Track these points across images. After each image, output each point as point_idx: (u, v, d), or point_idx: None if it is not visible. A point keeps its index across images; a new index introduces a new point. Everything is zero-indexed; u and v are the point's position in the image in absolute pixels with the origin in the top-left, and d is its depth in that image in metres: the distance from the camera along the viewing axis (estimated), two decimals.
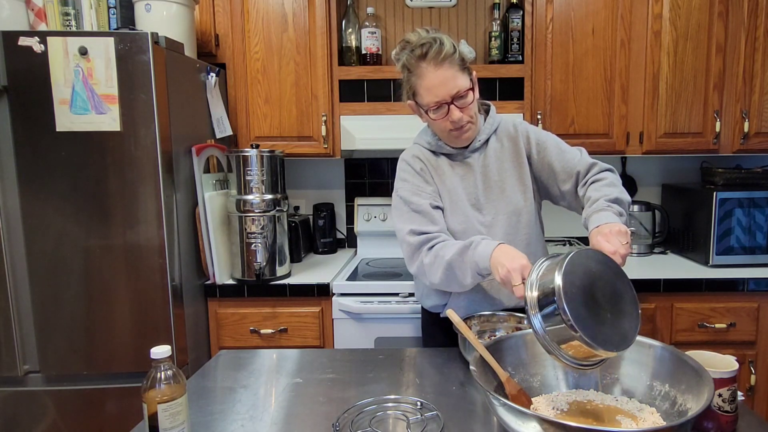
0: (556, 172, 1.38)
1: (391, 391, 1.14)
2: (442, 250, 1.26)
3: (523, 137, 1.41)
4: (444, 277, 1.26)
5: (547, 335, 0.90)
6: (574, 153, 1.39)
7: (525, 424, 0.79)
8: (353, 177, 2.56)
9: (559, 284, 0.87)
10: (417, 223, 1.33)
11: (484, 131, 1.40)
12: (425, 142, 1.43)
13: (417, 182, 1.38)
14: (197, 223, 1.90)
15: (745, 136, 2.11)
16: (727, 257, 2.07)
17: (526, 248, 1.39)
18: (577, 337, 0.84)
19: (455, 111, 1.28)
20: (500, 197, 1.38)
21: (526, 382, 1.04)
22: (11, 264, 1.67)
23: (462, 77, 1.28)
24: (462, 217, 1.37)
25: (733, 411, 0.93)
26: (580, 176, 1.35)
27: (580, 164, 1.36)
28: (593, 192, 1.27)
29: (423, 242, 1.30)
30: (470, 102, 1.30)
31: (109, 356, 1.72)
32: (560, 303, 0.86)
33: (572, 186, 1.37)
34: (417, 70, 1.28)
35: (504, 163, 1.40)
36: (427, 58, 1.26)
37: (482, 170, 1.40)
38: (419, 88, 1.30)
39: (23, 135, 1.63)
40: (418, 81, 1.29)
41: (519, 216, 1.38)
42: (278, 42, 2.16)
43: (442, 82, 1.26)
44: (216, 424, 1.03)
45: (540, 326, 0.90)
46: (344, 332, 1.96)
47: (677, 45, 2.11)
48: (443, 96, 1.27)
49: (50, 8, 1.81)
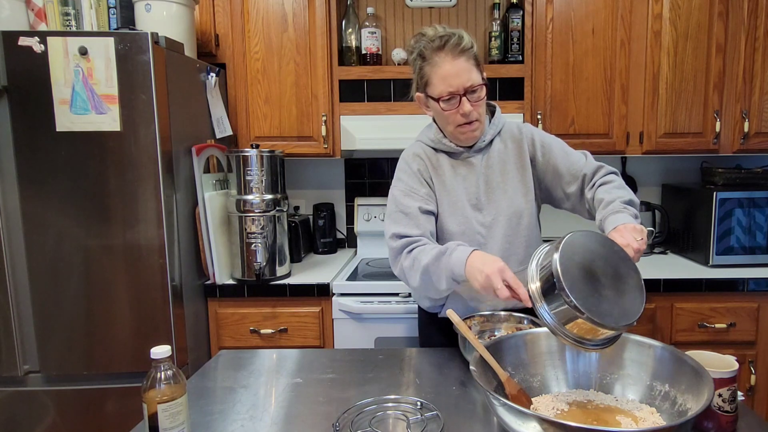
0: (562, 174, 1.38)
1: (391, 391, 1.14)
2: (420, 254, 1.26)
3: (528, 140, 1.42)
4: (421, 281, 1.27)
5: (554, 319, 0.89)
6: (579, 156, 1.40)
7: (525, 424, 0.79)
8: (353, 177, 2.56)
9: (556, 259, 0.87)
10: (401, 225, 1.33)
11: (489, 132, 1.40)
12: (428, 140, 1.42)
13: (412, 183, 1.38)
14: (197, 223, 1.90)
15: (745, 136, 2.11)
16: (727, 257, 2.07)
17: (525, 250, 1.39)
18: (571, 305, 0.83)
19: (466, 103, 1.28)
20: (502, 198, 1.38)
21: (526, 382, 1.04)
22: (11, 264, 1.67)
23: (476, 73, 1.29)
24: (461, 218, 1.37)
25: (733, 411, 0.93)
26: (586, 179, 1.36)
27: (586, 167, 1.37)
28: (605, 194, 1.27)
29: (404, 246, 1.31)
30: (481, 98, 1.31)
31: (109, 356, 1.72)
32: (557, 275, 0.85)
33: (578, 188, 1.37)
34: (433, 59, 1.28)
35: (507, 164, 1.41)
36: (446, 48, 1.27)
37: (485, 171, 1.39)
38: (433, 77, 1.29)
39: (23, 135, 1.63)
40: (432, 70, 1.29)
41: (519, 218, 1.39)
42: (278, 42, 2.16)
43: (457, 73, 1.26)
44: (216, 424, 1.03)
45: (548, 315, 0.90)
46: (344, 332, 1.96)
47: (677, 45, 2.11)
48: (457, 87, 1.27)
49: (50, 8, 1.81)
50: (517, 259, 1.39)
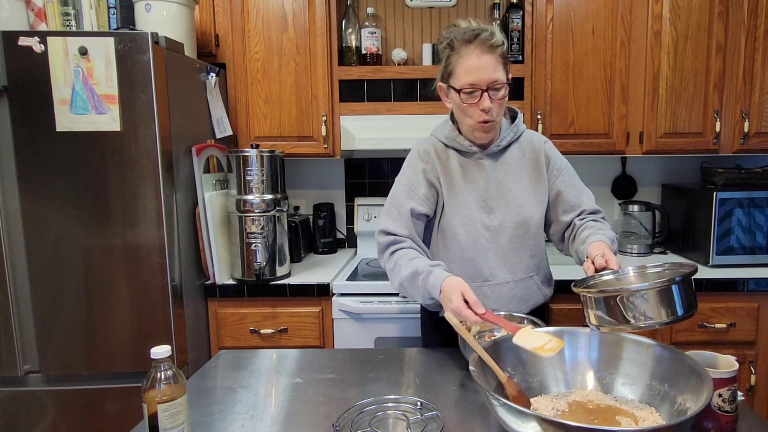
0: (563, 200, 1.41)
1: (391, 391, 1.15)
2: (400, 261, 1.31)
3: (545, 155, 1.43)
4: (400, 289, 1.34)
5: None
6: (586, 192, 1.44)
7: (525, 424, 0.79)
8: (353, 177, 2.56)
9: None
10: (392, 221, 1.37)
11: (506, 136, 1.40)
12: (442, 136, 1.42)
13: (414, 181, 1.39)
14: (197, 223, 1.90)
15: (745, 136, 2.11)
16: (727, 257, 2.07)
17: (530, 260, 1.40)
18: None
19: (487, 99, 1.28)
20: (512, 205, 1.39)
21: (526, 383, 1.04)
22: (11, 264, 1.68)
23: (502, 71, 1.29)
24: (465, 218, 1.37)
25: (733, 411, 0.93)
26: (583, 213, 1.40)
27: (587, 203, 1.41)
28: (594, 226, 1.34)
29: (388, 244, 1.36)
30: (502, 97, 1.30)
31: (109, 356, 1.72)
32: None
33: (571, 219, 1.41)
34: (461, 50, 1.28)
35: (522, 172, 1.41)
36: (475, 41, 1.26)
37: (496, 174, 1.39)
38: (458, 68, 1.29)
39: (23, 135, 1.63)
40: (458, 61, 1.29)
41: (527, 227, 1.39)
42: (278, 42, 2.16)
43: (483, 67, 1.26)
44: (216, 424, 1.03)
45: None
46: (344, 332, 1.96)
47: (677, 45, 2.11)
48: (480, 81, 1.26)
49: (50, 8, 1.81)
50: (522, 267, 1.40)
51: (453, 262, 1.39)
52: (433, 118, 2.15)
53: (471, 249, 1.37)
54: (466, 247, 1.37)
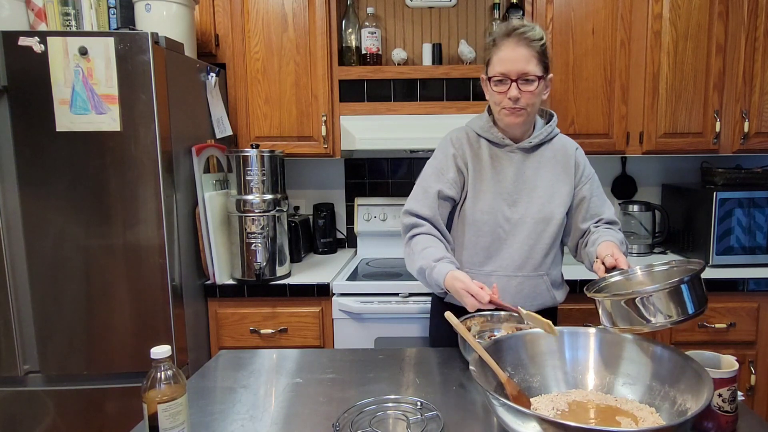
0: (585, 207, 1.44)
1: (391, 391, 1.15)
2: (415, 248, 1.37)
3: (576, 161, 1.46)
4: (418, 277, 1.38)
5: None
6: (608, 204, 1.47)
7: (525, 424, 0.79)
8: (353, 177, 2.56)
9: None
10: (417, 200, 1.42)
11: (539, 135, 1.42)
12: (477, 126, 1.45)
13: (444, 164, 1.43)
14: (197, 223, 1.90)
15: (745, 136, 2.11)
16: (727, 257, 2.07)
17: (543, 258, 1.42)
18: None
19: (514, 89, 1.31)
20: (535, 200, 1.40)
21: (526, 383, 1.04)
22: (11, 264, 1.67)
23: (536, 65, 1.31)
24: (487, 206, 1.40)
25: (733, 411, 0.93)
26: (600, 222, 1.43)
27: (607, 214, 1.44)
28: (605, 230, 1.39)
29: (409, 227, 1.41)
30: (533, 89, 1.32)
31: (109, 356, 1.72)
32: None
33: (588, 226, 1.43)
34: (500, 42, 1.33)
35: (550, 172, 1.43)
36: (513, 35, 1.31)
37: (526, 169, 1.41)
38: (493, 58, 1.34)
39: (23, 135, 1.63)
40: (495, 52, 1.34)
41: (547, 225, 1.41)
42: (278, 42, 2.16)
43: (514, 59, 1.30)
44: (216, 424, 1.03)
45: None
46: (344, 332, 1.96)
47: (677, 45, 2.11)
48: (510, 71, 1.30)
49: (50, 8, 1.81)
50: (534, 264, 1.41)
51: (467, 248, 1.42)
52: (434, 118, 2.15)
53: (487, 237, 1.40)
54: (483, 235, 1.40)
